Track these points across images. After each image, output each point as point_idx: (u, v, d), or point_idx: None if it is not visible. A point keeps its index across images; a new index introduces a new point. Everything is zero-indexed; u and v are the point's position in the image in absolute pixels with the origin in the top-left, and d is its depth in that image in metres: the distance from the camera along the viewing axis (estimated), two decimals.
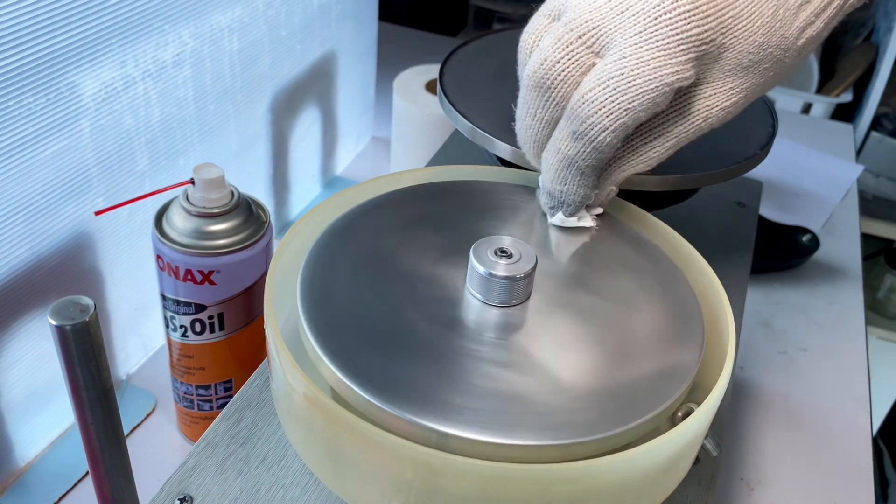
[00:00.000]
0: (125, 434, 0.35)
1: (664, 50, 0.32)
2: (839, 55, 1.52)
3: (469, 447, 0.28)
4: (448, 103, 0.46)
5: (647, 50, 0.32)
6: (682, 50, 0.33)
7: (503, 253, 0.34)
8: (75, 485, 0.55)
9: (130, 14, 0.50)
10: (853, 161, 1.03)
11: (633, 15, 0.33)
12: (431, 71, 0.82)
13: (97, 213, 0.50)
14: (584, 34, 0.34)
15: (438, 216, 0.39)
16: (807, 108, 1.33)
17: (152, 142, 0.56)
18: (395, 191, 0.41)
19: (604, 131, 0.34)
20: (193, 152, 0.61)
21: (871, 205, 1.71)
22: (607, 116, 0.33)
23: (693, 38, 0.33)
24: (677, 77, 0.33)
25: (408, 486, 0.29)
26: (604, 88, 0.33)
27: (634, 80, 0.33)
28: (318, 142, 0.83)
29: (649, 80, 0.32)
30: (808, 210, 0.91)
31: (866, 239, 1.46)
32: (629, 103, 0.33)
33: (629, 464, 0.28)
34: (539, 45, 0.35)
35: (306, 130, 0.79)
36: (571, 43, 0.34)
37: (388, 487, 0.29)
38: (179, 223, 0.49)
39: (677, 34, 0.32)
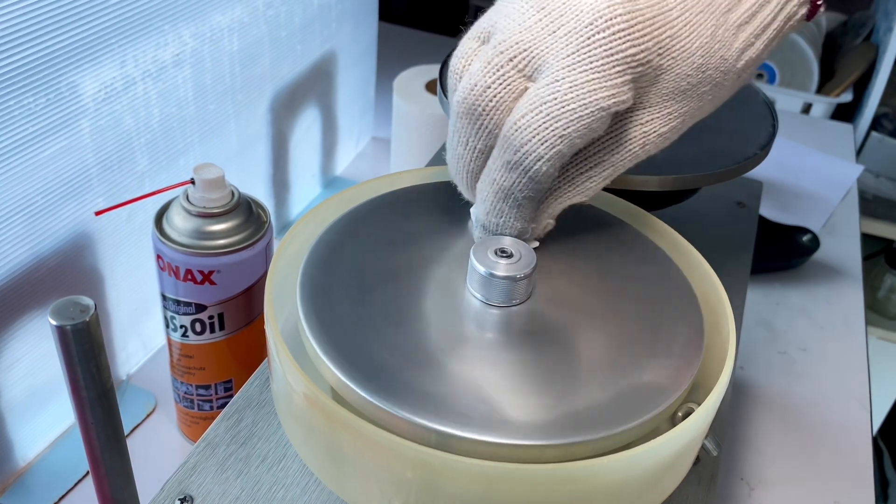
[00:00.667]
0: (125, 434, 0.35)
1: (599, 72, 0.30)
2: (839, 55, 1.52)
3: (469, 447, 0.28)
4: (448, 103, 0.46)
5: (580, 72, 0.30)
6: (618, 71, 0.31)
7: (503, 253, 0.34)
8: (75, 485, 0.55)
9: (130, 14, 0.50)
10: (853, 161, 1.03)
11: (566, 35, 0.31)
12: (431, 71, 0.82)
13: (97, 214, 0.50)
14: (515, 56, 0.31)
15: (438, 216, 0.39)
16: (807, 108, 1.33)
17: (152, 142, 0.56)
18: (395, 191, 0.41)
19: (539, 160, 0.32)
20: (193, 152, 0.61)
21: (871, 205, 1.71)
22: (542, 144, 0.31)
23: (629, 59, 0.31)
24: (614, 101, 0.31)
25: (408, 486, 0.29)
26: (537, 114, 0.31)
27: (568, 104, 0.30)
28: (318, 142, 0.83)
29: (584, 104, 0.30)
30: (808, 210, 0.91)
31: (866, 239, 1.46)
32: (564, 129, 0.31)
33: (629, 464, 0.28)
34: (468, 69, 0.33)
35: (306, 130, 0.79)
36: (502, 66, 0.32)
37: (388, 487, 0.29)
38: (179, 223, 0.49)
39: (612, 55, 0.30)
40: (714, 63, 0.33)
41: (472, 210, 0.36)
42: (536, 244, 0.37)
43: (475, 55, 0.33)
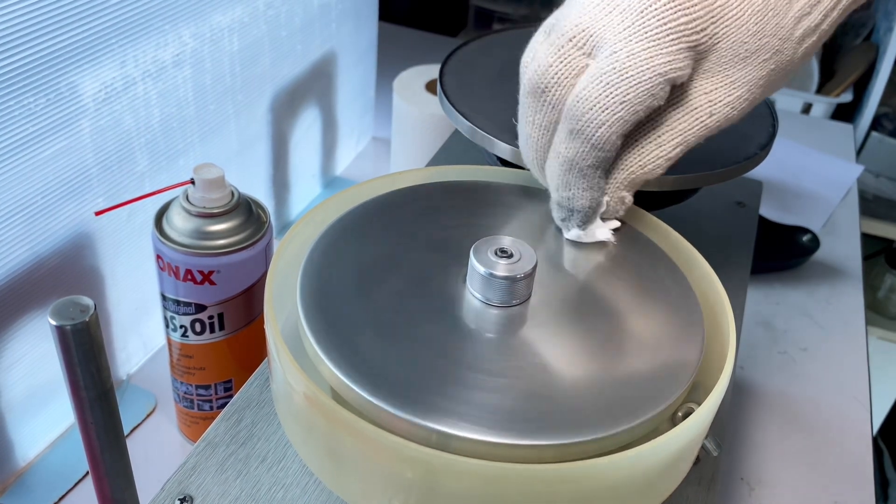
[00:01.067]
0: (125, 434, 0.35)
1: (654, 41, 0.33)
2: (839, 55, 1.52)
3: (469, 447, 0.28)
4: (448, 103, 0.46)
5: (637, 42, 0.33)
6: (672, 40, 0.33)
7: (503, 253, 0.34)
8: (75, 485, 0.55)
9: (130, 14, 0.50)
10: (853, 161, 1.03)
11: (621, 12, 0.33)
12: (431, 71, 0.82)
13: (97, 214, 0.50)
14: (575, 36, 0.34)
15: (438, 216, 0.39)
16: (807, 108, 1.33)
17: (152, 142, 0.56)
18: (395, 191, 0.41)
19: (600, 127, 0.34)
20: (193, 152, 0.61)
21: (871, 205, 1.71)
22: (602, 111, 0.33)
23: (682, 28, 0.33)
24: (670, 67, 0.33)
25: (408, 486, 0.29)
26: (597, 84, 0.33)
27: (626, 72, 0.33)
28: (318, 142, 0.83)
29: (641, 70, 0.33)
30: (808, 210, 0.91)
31: (866, 239, 1.46)
32: (624, 96, 0.33)
33: (629, 464, 0.28)
34: (535, 56, 0.36)
35: (306, 130, 0.79)
36: (563, 46, 0.34)
37: (388, 487, 0.29)
38: (179, 223, 0.49)
39: (665, 24, 0.32)
40: (769, 30, 0.34)
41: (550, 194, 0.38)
42: (617, 224, 0.38)
43: (540, 45, 0.36)
